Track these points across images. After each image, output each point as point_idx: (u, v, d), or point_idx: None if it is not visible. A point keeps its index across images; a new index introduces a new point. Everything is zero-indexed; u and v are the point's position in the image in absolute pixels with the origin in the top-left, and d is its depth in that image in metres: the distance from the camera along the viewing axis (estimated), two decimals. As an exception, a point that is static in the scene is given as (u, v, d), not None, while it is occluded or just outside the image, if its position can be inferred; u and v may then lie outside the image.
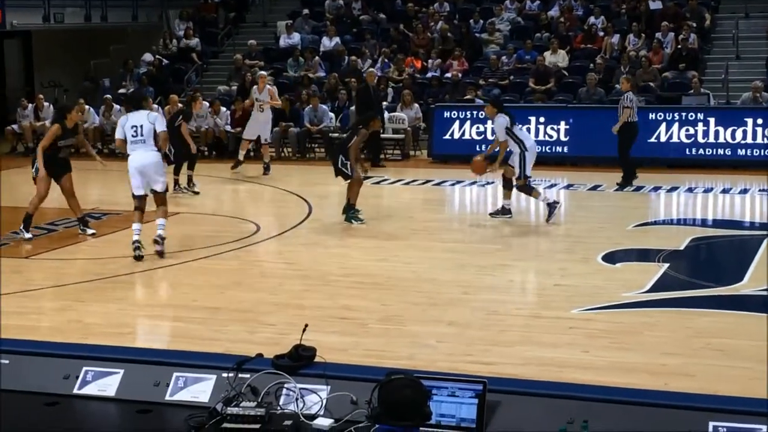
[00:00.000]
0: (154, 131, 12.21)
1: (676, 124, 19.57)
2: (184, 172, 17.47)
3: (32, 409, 6.23)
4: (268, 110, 19.35)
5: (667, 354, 8.45)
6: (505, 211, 14.34)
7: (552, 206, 14.06)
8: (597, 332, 9.13)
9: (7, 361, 6.62)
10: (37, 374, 6.52)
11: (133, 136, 12.17)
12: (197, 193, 17.31)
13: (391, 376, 4.95)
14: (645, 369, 8.04)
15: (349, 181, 14.10)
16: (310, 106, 21.69)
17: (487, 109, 14.85)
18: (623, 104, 17.21)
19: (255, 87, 19.54)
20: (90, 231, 13.73)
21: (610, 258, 12.04)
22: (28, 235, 13.33)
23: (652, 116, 19.76)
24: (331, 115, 21.79)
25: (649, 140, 19.49)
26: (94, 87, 26.38)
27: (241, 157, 19.52)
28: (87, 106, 23.07)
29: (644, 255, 12.27)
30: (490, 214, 14.54)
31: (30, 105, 23.43)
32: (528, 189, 14.17)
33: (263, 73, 20.29)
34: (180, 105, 21.73)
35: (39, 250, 12.85)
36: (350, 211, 14.04)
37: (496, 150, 14.63)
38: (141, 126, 12.19)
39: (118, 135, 12.42)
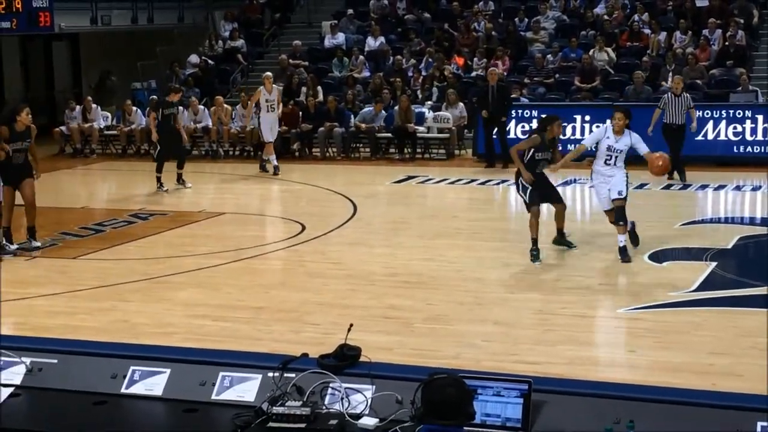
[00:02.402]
0: None
1: (724, 122, 19.39)
2: (167, 170, 17.72)
3: (80, 408, 6.28)
4: (276, 108, 19.53)
5: (715, 354, 8.38)
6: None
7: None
8: (643, 332, 9.07)
9: (55, 361, 6.68)
10: (85, 374, 6.58)
11: None
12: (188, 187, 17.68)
13: (434, 376, 4.94)
14: (692, 369, 7.99)
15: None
16: (372, 108, 21.69)
17: (622, 121, 12.16)
18: (689, 104, 17.60)
19: (262, 88, 19.57)
20: (35, 243, 12.93)
21: (657, 257, 11.96)
22: (13, 247, 12.78)
23: (699, 114, 19.54)
24: (384, 113, 21.78)
25: (696, 138, 19.33)
26: (104, 87, 26.48)
27: (274, 162, 19.59)
28: (135, 108, 23.32)
29: (691, 254, 12.18)
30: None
31: (78, 107, 23.66)
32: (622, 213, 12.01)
33: (269, 74, 20.29)
34: (226, 106, 21.94)
35: (86, 251, 12.96)
36: (531, 248, 11.89)
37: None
38: None
39: None
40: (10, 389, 6.44)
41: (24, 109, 12.80)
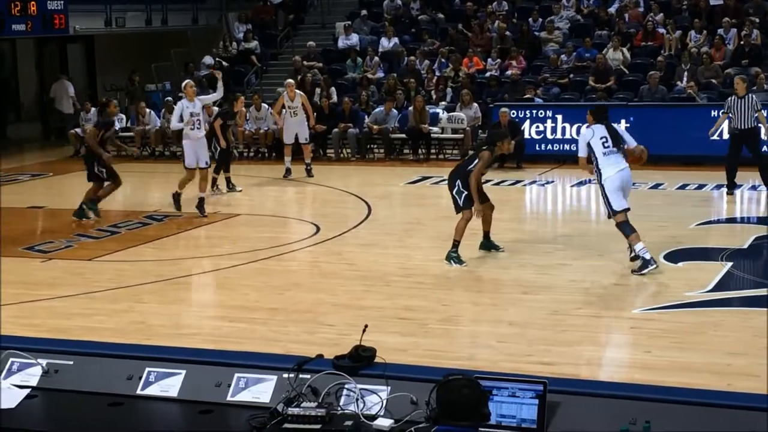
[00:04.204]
0: None
1: (718, 123, 19.27)
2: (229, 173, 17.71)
3: (96, 409, 6.28)
4: (301, 113, 19.31)
5: (731, 354, 8.35)
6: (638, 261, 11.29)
7: (645, 264, 11.10)
8: (659, 332, 9.05)
9: (71, 362, 6.69)
10: (100, 375, 6.59)
11: None
12: (239, 191, 17.56)
13: (448, 377, 4.94)
14: (708, 369, 7.96)
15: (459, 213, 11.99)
16: (382, 108, 21.73)
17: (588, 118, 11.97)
18: (757, 107, 16.47)
19: (285, 94, 19.40)
20: None
21: (673, 257, 11.93)
22: None
23: (714, 113, 19.48)
24: (395, 112, 21.77)
25: (712, 138, 19.25)
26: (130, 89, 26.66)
27: (288, 164, 19.47)
28: (148, 110, 23.37)
29: (707, 254, 12.14)
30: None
31: (93, 109, 23.70)
32: (623, 228, 11.40)
33: (291, 81, 20.17)
34: (243, 108, 21.95)
35: (102, 252, 12.99)
36: (451, 249, 11.85)
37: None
38: None
39: None
40: (27, 390, 6.45)
41: None
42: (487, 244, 12.46)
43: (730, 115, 16.56)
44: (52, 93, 26.11)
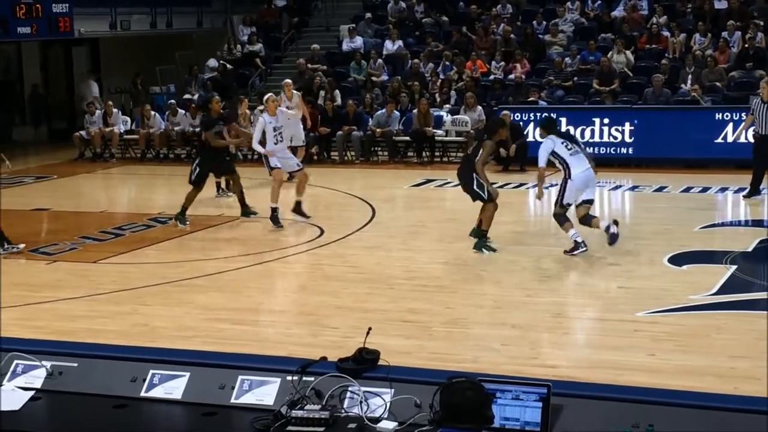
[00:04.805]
0: None
1: (744, 124, 19.27)
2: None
3: (100, 411, 6.30)
4: (296, 115, 19.29)
5: (735, 357, 8.35)
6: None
7: (577, 246, 12.12)
8: (663, 335, 9.04)
9: (75, 365, 6.70)
10: (105, 377, 6.60)
11: None
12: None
13: (452, 380, 4.95)
14: (712, 372, 7.96)
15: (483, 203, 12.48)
16: (384, 110, 21.75)
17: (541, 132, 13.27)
18: None
19: (282, 94, 19.24)
20: None
21: (677, 260, 11.92)
22: None
23: (719, 116, 19.56)
24: (397, 114, 21.79)
25: (716, 141, 19.29)
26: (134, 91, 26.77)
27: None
28: (153, 113, 23.38)
29: (711, 257, 12.13)
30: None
31: (98, 111, 23.74)
32: (560, 219, 12.41)
33: (288, 81, 20.11)
34: (246, 110, 21.94)
35: (106, 254, 13.00)
36: (481, 239, 12.38)
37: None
38: None
39: None
40: (31, 393, 6.47)
41: None
42: (480, 243, 12.54)
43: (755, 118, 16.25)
44: (79, 93, 26.17)
